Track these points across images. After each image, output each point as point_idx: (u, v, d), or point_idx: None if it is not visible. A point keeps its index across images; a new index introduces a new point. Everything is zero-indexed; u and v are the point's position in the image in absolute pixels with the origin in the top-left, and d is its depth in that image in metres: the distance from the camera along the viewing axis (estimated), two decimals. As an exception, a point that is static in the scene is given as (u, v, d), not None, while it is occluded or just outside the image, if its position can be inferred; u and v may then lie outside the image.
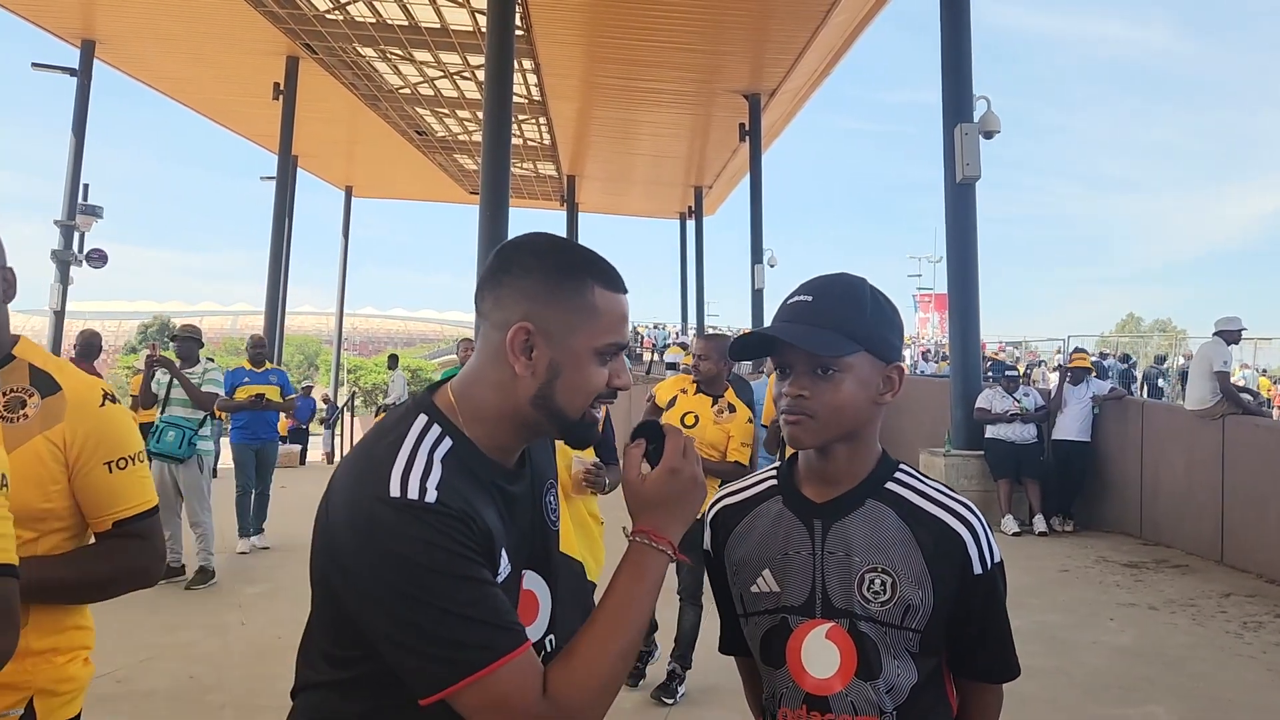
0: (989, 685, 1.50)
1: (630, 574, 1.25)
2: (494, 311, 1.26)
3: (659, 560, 1.26)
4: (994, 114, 9.92)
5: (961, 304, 10.20)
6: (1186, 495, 8.27)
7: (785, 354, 1.41)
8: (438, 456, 1.20)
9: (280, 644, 5.23)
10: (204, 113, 22.89)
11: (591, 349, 1.26)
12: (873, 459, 1.46)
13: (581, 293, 1.25)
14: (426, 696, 1.13)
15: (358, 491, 1.19)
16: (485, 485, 1.25)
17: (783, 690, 1.44)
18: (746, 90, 18.71)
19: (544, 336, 1.24)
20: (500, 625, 1.15)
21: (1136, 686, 4.78)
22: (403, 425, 1.24)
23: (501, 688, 1.12)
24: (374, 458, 1.21)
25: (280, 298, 20.48)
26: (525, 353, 1.24)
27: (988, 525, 1.44)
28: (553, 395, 1.25)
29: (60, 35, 17.62)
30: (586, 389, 1.27)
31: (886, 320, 1.44)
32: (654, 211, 35.27)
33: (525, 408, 1.26)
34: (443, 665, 1.12)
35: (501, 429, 1.28)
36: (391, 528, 1.14)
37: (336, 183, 31.08)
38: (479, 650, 1.12)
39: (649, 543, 1.26)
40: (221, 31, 17.19)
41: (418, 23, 16.18)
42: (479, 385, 1.28)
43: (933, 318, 47.56)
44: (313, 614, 1.28)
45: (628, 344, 1.32)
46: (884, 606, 1.37)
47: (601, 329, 1.26)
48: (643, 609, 1.23)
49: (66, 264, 16.85)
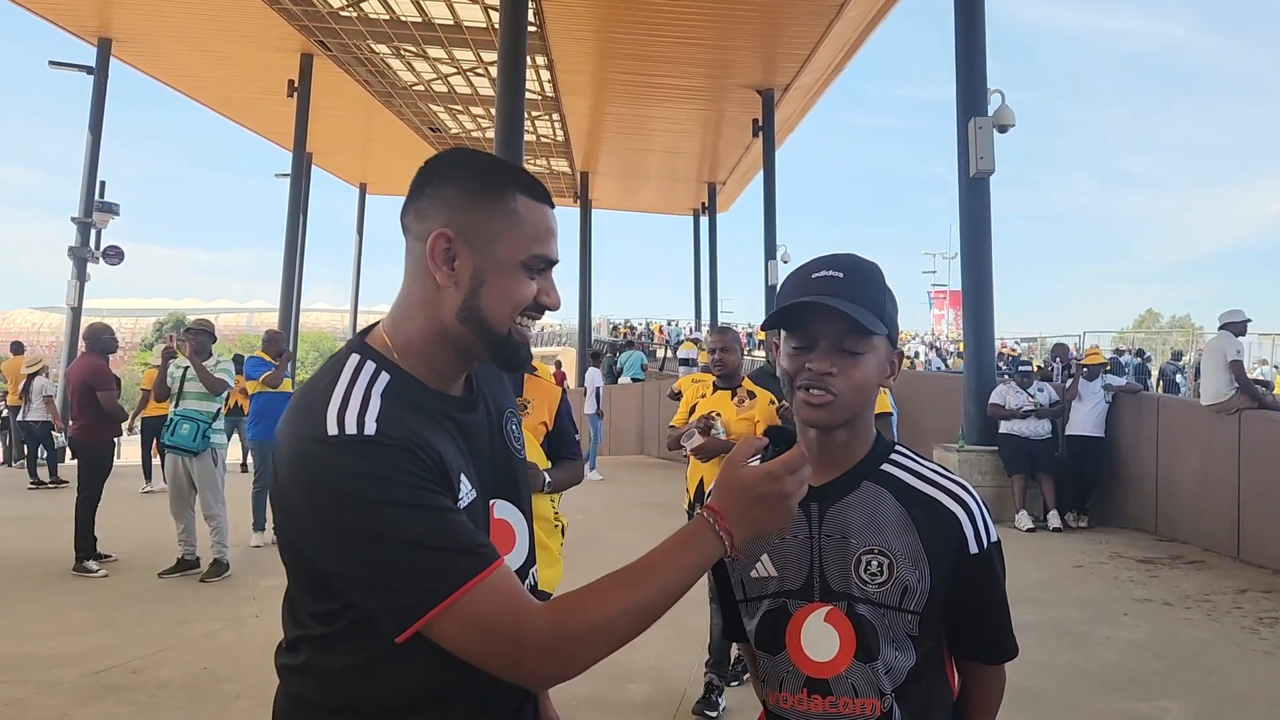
0: (989, 666, 1.50)
1: (682, 541, 1.19)
2: (415, 224, 1.23)
3: (714, 543, 1.18)
4: (1008, 108, 9.86)
5: (976, 300, 10.15)
6: (1202, 490, 8.22)
7: (814, 329, 1.37)
8: (375, 391, 1.17)
9: (294, 636, 5.26)
10: (219, 110, 22.99)
11: (516, 260, 1.21)
12: (869, 441, 1.46)
13: (503, 199, 1.21)
14: (399, 633, 1.09)
15: (295, 436, 1.15)
16: (434, 415, 1.21)
17: (783, 675, 1.44)
18: (760, 85, 18.67)
19: (465, 243, 1.20)
20: (462, 549, 1.10)
21: (1150, 682, 4.76)
22: (336, 367, 1.22)
23: (479, 610, 1.08)
24: (309, 402, 1.17)
25: (295, 295, 20.56)
26: (447, 261, 1.20)
27: (985, 506, 1.44)
28: (478, 306, 1.21)
29: (77, 34, 17.73)
30: (513, 300, 1.22)
31: (895, 305, 1.44)
32: (667, 208, 35.24)
33: (452, 323, 1.22)
34: (407, 597, 1.08)
35: (433, 352, 1.24)
36: (332, 465, 1.10)
37: (351, 180, 31.19)
38: (442, 578, 1.08)
39: (713, 522, 1.19)
40: (237, 29, 17.28)
41: (431, 19, 16.22)
42: (406, 309, 1.26)
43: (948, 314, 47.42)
44: (288, 575, 1.26)
45: (557, 260, 1.27)
46: (881, 588, 1.37)
47: (526, 238, 1.22)
48: (678, 577, 1.16)
49: (83, 261, 16.97)
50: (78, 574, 6.96)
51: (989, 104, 9.83)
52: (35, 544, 8.17)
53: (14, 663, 4.91)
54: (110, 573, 7.06)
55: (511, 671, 1.11)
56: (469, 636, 1.09)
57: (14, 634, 5.45)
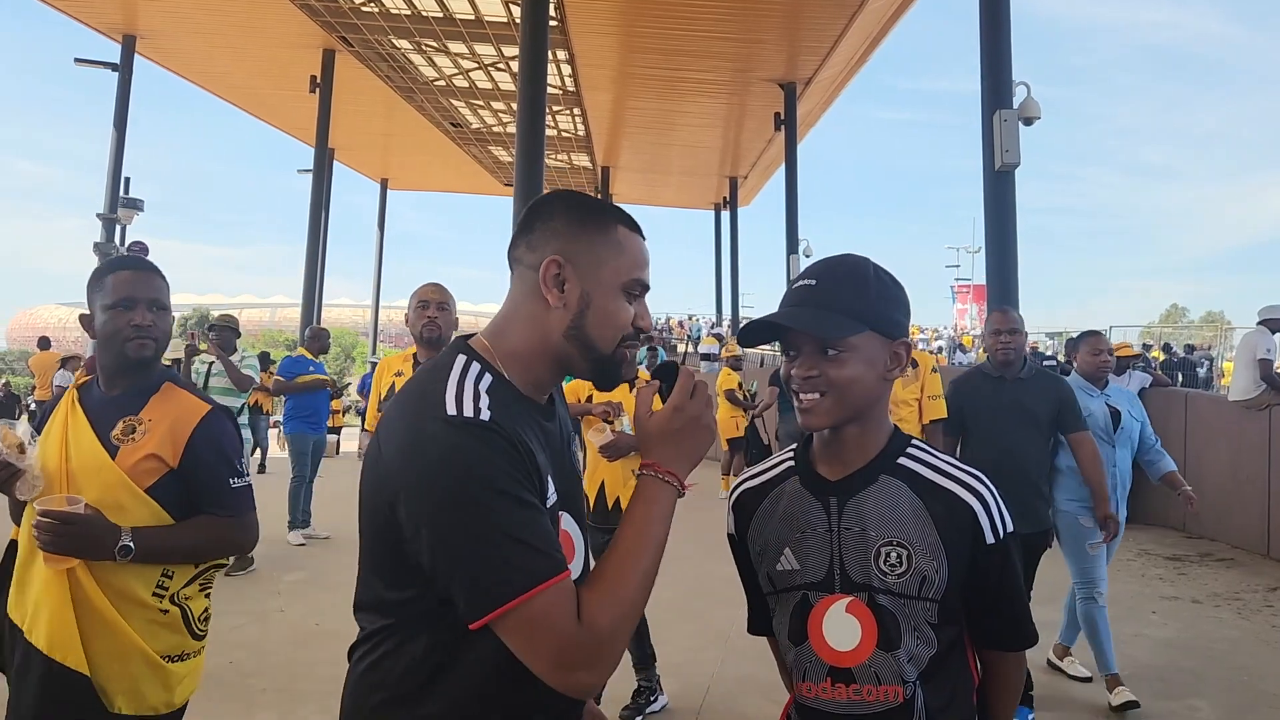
0: (1008, 653, 1.54)
1: (641, 502, 1.29)
2: (527, 255, 1.34)
3: (667, 490, 1.30)
4: (1034, 100, 9.76)
5: (1000, 294, 10.05)
6: (1232, 488, 8.12)
7: (792, 337, 1.45)
8: (483, 388, 1.26)
9: (319, 630, 5.29)
10: (242, 106, 23.13)
11: (618, 283, 1.33)
12: (884, 436, 1.50)
13: (606, 230, 1.34)
14: (475, 620, 1.15)
15: (412, 416, 1.23)
16: (528, 420, 1.29)
17: (806, 665, 1.47)
18: (782, 79, 18.57)
19: (574, 269, 1.31)
20: (546, 550, 1.17)
21: (1179, 680, 4.71)
22: (445, 363, 1.30)
23: (545, 610, 1.14)
24: (423, 390, 1.26)
25: (317, 290, 20.66)
26: (558, 285, 1.31)
27: (1000, 498, 1.46)
28: (584, 326, 1.32)
29: (102, 31, 17.87)
30: (615, 322, 1.33)
31: (890, 298, 1.47)
32: (689, 202, 35.18)
33: (559, 340, 1.32)
34: (491, 585, 1.14)
35: (536, 364, 1.34)
36: (448, 441, 1.18)
37: (372, 175, 31.31)
38: (526, 573, 1.14)
39: (654, 474, 1.30)
40: (259, 25, 17.37)
41: (452, 14, 16.23)
42: (512, 324, 1.35)
43: (971, 309, 47.09)
44: (363, 563, 1.32)
45: (649, 286, 1.38)
46: (901, 578, 1.41)
47: (627, 264, 1.34)
48: (658, 534, 1.27)
49: (108, 257, 17.11)
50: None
51: (1014, 96, 9.73)
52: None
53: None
54: None
55: (557, 677, 1.17)
56: (528, 636, 1.15)
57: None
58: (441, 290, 3.89)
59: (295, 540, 8.15)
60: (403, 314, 4.10)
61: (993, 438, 4.18)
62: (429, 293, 3.87)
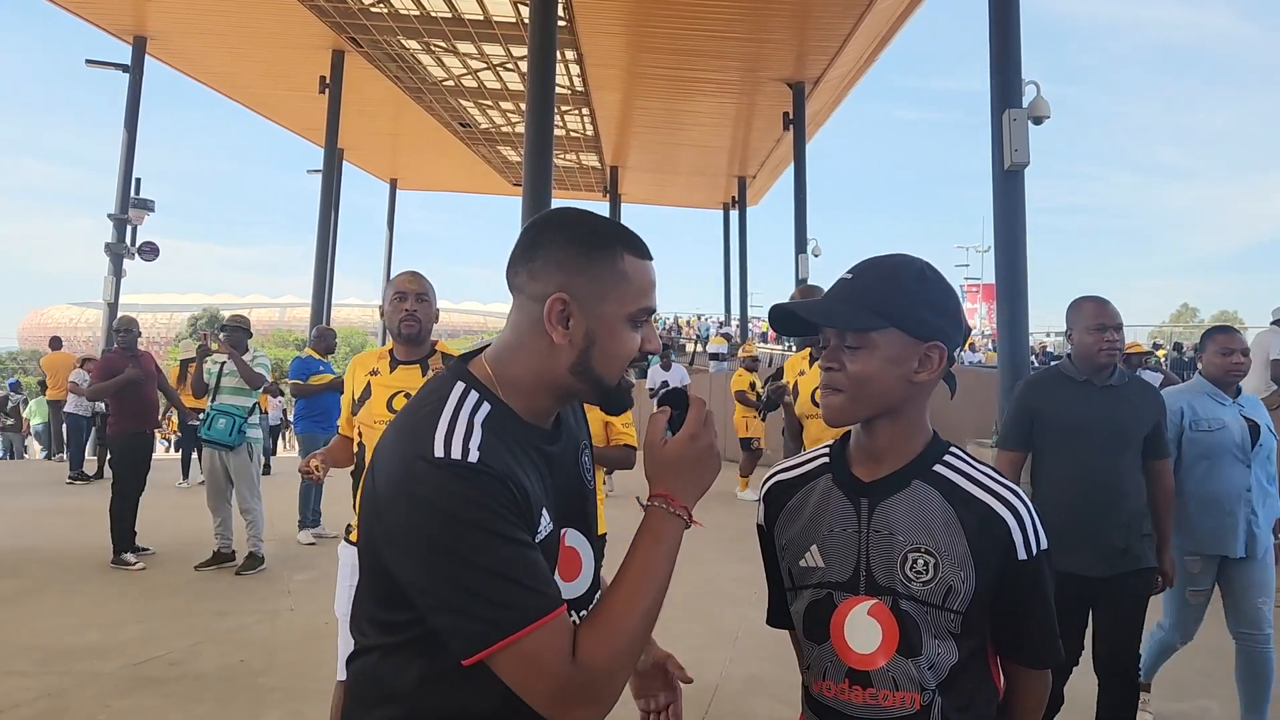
0: (1032, 670, 1.50)
1: (649, 537, 1.27)
2: (529, 284, 1.31)
3: (675, 525, 1.29)
4: (1043, 99, 9.72)
5: (1010, 293, 10.03)
6: (1242, 487, 8.06)
7: (822, 330, 1.45)
8: (478, 421, 1.24)
9: (328, 630, 5.30)
10: (252, 107, 23.19)
11: (624, 315, 1.30)
12: (922, 440, 1.47)
13: (611, 261, 1.29)
14: (467, 657, 1.15)
15: (401, 453, 1.22)
16: (525, 448, 1.28)
17: (826, 664, 1.46)
18: (790, 78, 18.54)
19: (579, 305, 1.28)
20: (537, 588, 1.17)
21: (1190, 681, 4.69)
22: (442, 392, 1.29)
23: (536, 649, 1.14)
24: (416, 423, 1.25)
25: (327, 290, 20.70)
26: (562, 323, 1.28)
27: (1037, 513, 1.43)
28: (590, 363, 1.30)
29: (113, 32, 17.94)
30: (622, 355, 1.31)
31: (927, 300, 1.44)
32: (697, 202, 35.13)
33: (564, 376, 1.30)
34: (483, 624, 1.14)
35: (540, 397, 1.32)
36: (434, 484, 1.17)
37: (381, 175, 31.36)
38: (518, 611, 1.15)
39: (666, 507, 1.29)
40: (269, 26, 17.41)
41: (461, 14, 16.25)
42: (517, 355, 1.32)
43: (981, 308, 46.99)
44: (362, 581, 1.32)
45: (655, 308, 1.36)
46: (926, 586, 1.39)
47: (632, 295, 1.30)
48: (662, 572, 1.25)
49: (119, 257, 17.19)
50: (116, 567, 7.06)
51: (1024, 95, 9.70)
52: (76, 537, 8.30)
53: (56, 654, 4.99)
54: (147, 566, 7.15)
55: (554, 714, 1.17)
56: (522, 673, 1.15)
57: (56, 626, 5.54)
58: (420, 280, 3.48)
59: (305, 539, 8.18)
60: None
61: (1076, 455, 3.41)
62: (406, 283, 3.45)
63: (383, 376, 3.41)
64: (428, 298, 3.45)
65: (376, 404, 3.34)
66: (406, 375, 3.36)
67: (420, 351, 3.43)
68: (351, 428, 3.51)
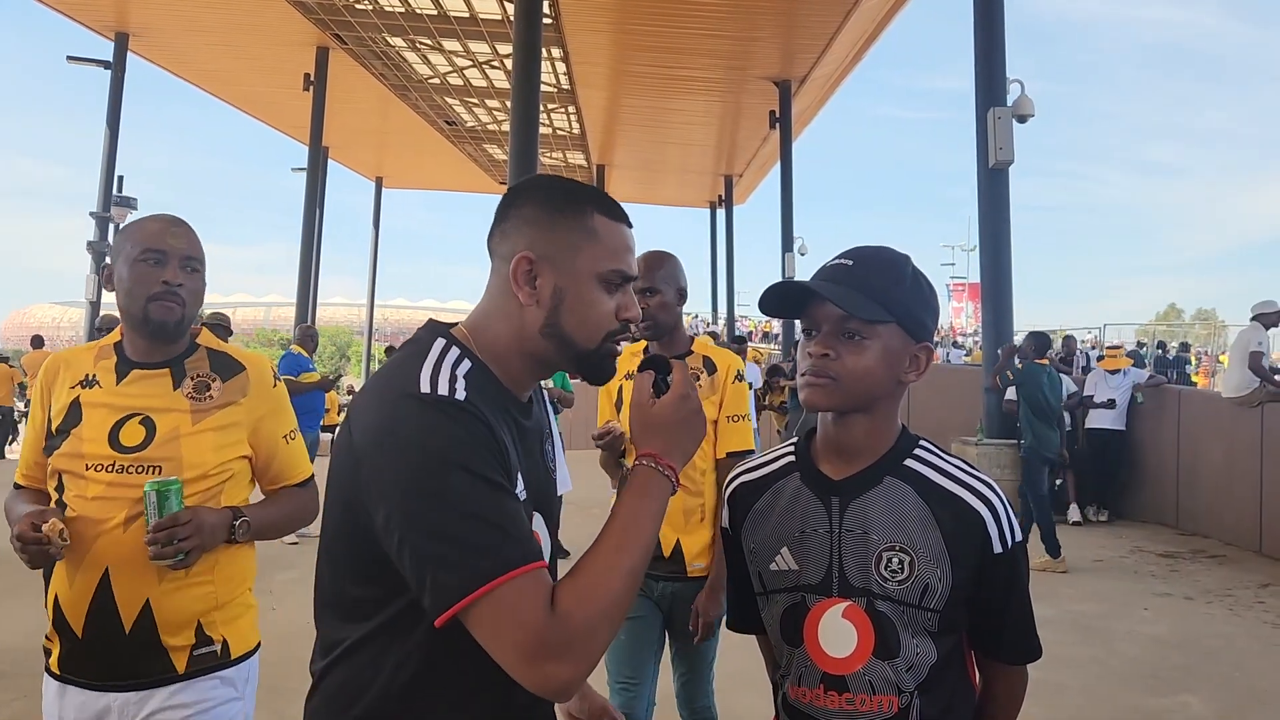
0: (1011, 666, 1.48)
1: (636, 494, 1.22)
2: (500, 245, 1.29)
3: (663, 483, 1.24)
4: (1027, 98, 9.77)
5: (994, 291, 10.07)
6: (1224, 485, 8.13)
7: (815, 313, 1.39)
8: (460, 371, 1.21)
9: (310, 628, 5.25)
10: (236, 104, 23.07)
11: (594, 273, 1.26)
12: (892, 435, 1.44)
13: (581, 218, 1.27)
14: (440, 612, 1.10)
15: (385, 394, 1.19)
16: (502, 412, 1.25)
17: (801, 669, 1.42)
18: (777, 77, 18.56)
19: (547, 263, 1.25)
20: (517, 536, 1.12)
21: (1171, 676, 4.71)
22: (424, 344, 1.26)
23: (515, 598, 1.09)
24: (398, 369, 1.22)
25: (312, 289, 20.63)
26: (529, 281, 1.25)
27: (1010, 505, 1.41)
28: (559, 323, 1.26)
29: (94, 28, 17.82)
30: (593, 316, 1.27)
31: (923, 300, 1.42)
32: (684, 200, 35.16)
33: (536, 338, 1.27)
34: (457, 572, 1.08)
35: (514, 362, 1.29)
36: (421, 421, 1.14)
37: (367, 174, 31.26)
38: (494, 559, 1.09)
39: (654, 465, 1.24)
40: (252, 23, 17.32)
41: (446, 12, 16.20)
42: (490, 319, 1.30)
43: (967, 307, 47.16)
44: (326, 568, 1.28)
45: (635, 276, 1.32)
46: (902, 585, 1.35)
47: (604, 254, 1.27)
48: (649, 529, 1.20)
49: (102, 255, 17.06)
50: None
51: (1008, 94, 9.75)
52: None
53: (30, 655, 4.93)
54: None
55: (528, 673, 1.10)
56: (496, 625, 1.09)
57: (30, 627, 5.47)
58: (186, 232, 2.04)
59: (287, 539, 8.14)
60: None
61: None
62: (164, 236, 2.00)
63: (104, 390, 1.98)
64: (198, 264, 2.05)
65: (93, 433, 1.93)
66: (148, 388, 1.98)
67: (174, 349, 2.04)
68: (40, 473, 2.04)
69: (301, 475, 2.19)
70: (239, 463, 2.04)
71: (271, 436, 2.10)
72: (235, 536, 1.99)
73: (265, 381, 2.11)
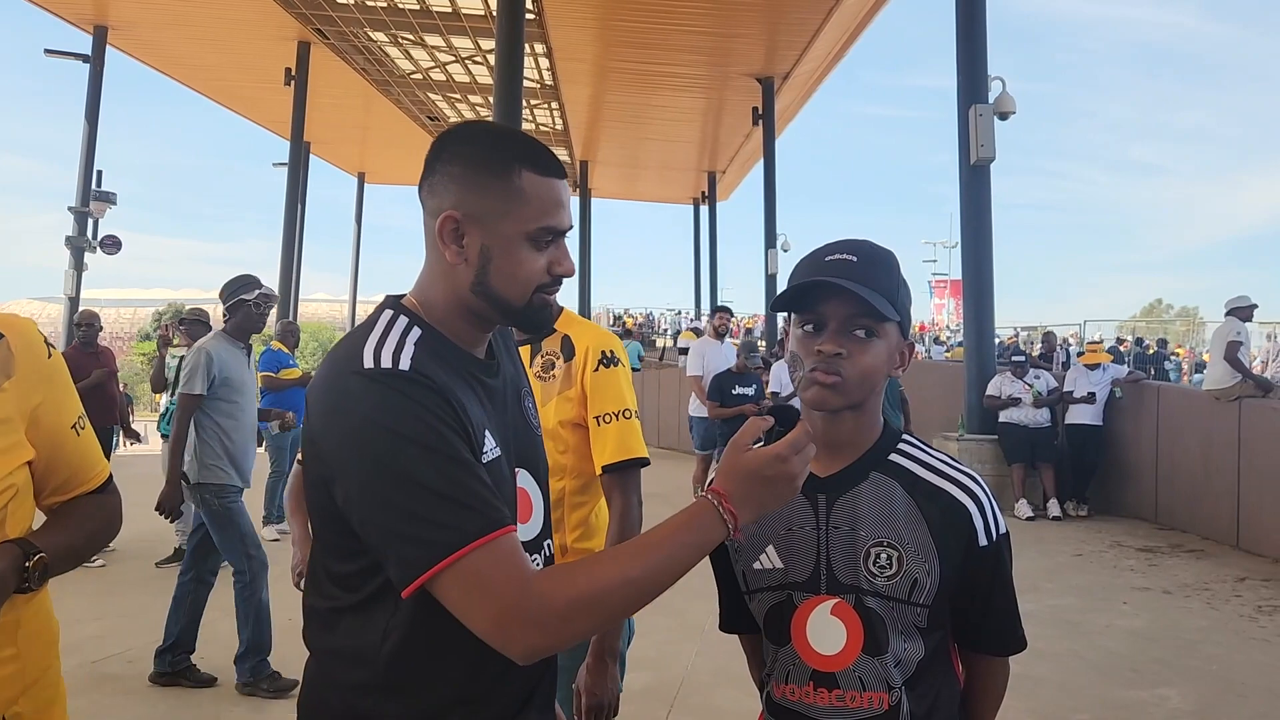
0: (995, 658, 1.48)
1: (684, 522, 1.16)
2: (428, 200, 1.27)
3: (717, 526, 1.16)
4: (1009, 95, 9.83)
5: (976, 288, 10.12)
6: (1202, 479, 8.20)
7: (825, 309, 1.35)
8: (409, 339, 1.20)
9: (291, 626, 5.23)
10: (216, 99, 22.93)
11: (522, 234, 1.24)
12: (876, 430, 1.43)
13: (508, 178, 1.23)
14: (406, 585, 1.10)
15: (332, 373, 1.19)
16: (462, 374, 1.25)
17: (788, 667, 1.41)
18: (759, 74, 18.59)
19: (473, 222, 1.23)
20: (476, 507, 1.10)
21: (1149, 669, 4.75)
22: (371, 320, 1.26)
23: (480, 568, 1.08)
24: (346, 346, 1.22)
25: (293, 285, 20.52)
26: (455, 240, 1.24)
27: (993, 497, 1.42)
28: (488, 281, 1.24)
29: (73, 21, 17.65)
30: (522, 274, 1.25)
31: (908, 295, 1.43)
32: (667, 197, 35.18)
33: (468, 295, 1.26)
34: (418, 546, 1.08)
35: (457, 322, 1.28)
36: (368, 399, 1.13)
37: (349, 169, 31.12)
38: (455, 531, 1.08)
39: (717, 504, 1.16)
40: (233, 17, 17.21)
41: (428, 6, 16.15)
42: (429, 279, 1.30)
43: (948, 303, 47.36)
44: (315, 540, 1.28)
45: (567, 229, 1.29)
46: (890, 581, 1.35)
47: (531, 214, 1.24)
48: (676, 556, 1.13)
49: (81, 250, 16.93)
50: (75, 563, 6.90)
51: (990, 91, 9.80)
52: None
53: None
54: (107, 562, 7.04)
55: (497, 638, 1.09)
56: (465, 595, 1.08)
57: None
58: None
59: (270, 535, 8.09)
60: None
61: None
62: None
63: None
64: None
65: None
66: None
67: None
68: None
69: (101, 477, 1.51)
70: (20, 473, 1.34)
71: (55, 428, 1.41)
72: (30, 583, 1.30)
73: (35, 353, 1.39)
